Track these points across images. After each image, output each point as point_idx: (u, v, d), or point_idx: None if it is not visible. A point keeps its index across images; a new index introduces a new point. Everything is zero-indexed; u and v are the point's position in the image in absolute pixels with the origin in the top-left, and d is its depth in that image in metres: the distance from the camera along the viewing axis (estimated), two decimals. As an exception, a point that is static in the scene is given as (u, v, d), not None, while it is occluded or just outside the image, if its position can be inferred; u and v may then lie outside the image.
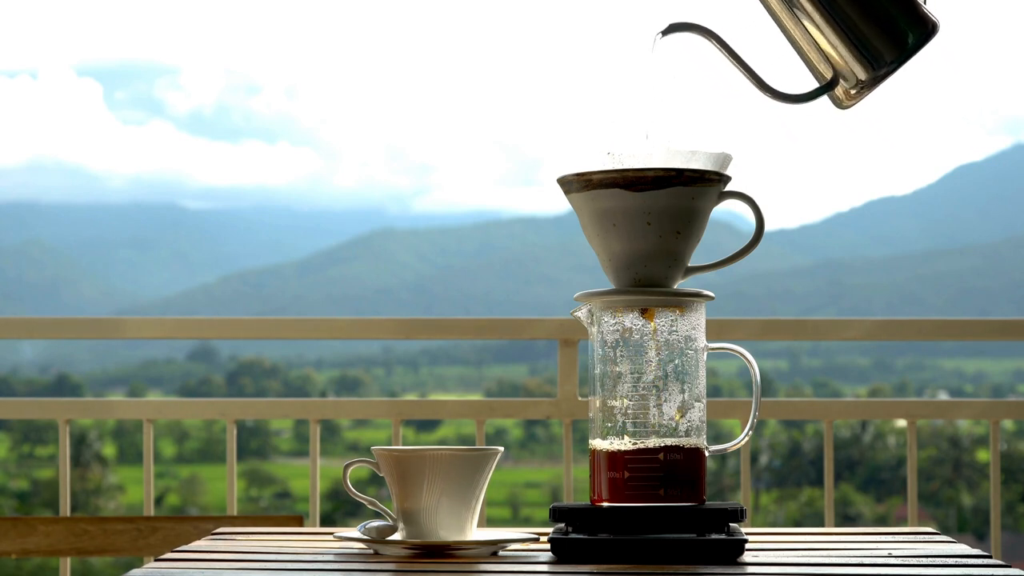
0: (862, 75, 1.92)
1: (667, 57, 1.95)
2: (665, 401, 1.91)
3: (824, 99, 1.98)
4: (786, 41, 1.99)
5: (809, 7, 1.92)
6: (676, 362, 1.91)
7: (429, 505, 1.93)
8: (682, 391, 1.91)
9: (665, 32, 1.96)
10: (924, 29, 1.90)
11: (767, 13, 1.99)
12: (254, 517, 2.91)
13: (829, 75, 1.96)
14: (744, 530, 2.03)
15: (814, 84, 1.98)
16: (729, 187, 1.95)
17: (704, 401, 1.93)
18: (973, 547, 1.96)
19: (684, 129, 1.96)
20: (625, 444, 1.90)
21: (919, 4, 1.91)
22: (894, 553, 1.91)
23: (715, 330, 3.63)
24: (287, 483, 46.76)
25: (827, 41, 1.93)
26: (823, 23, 1.92)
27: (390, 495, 1.97)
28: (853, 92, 1.95)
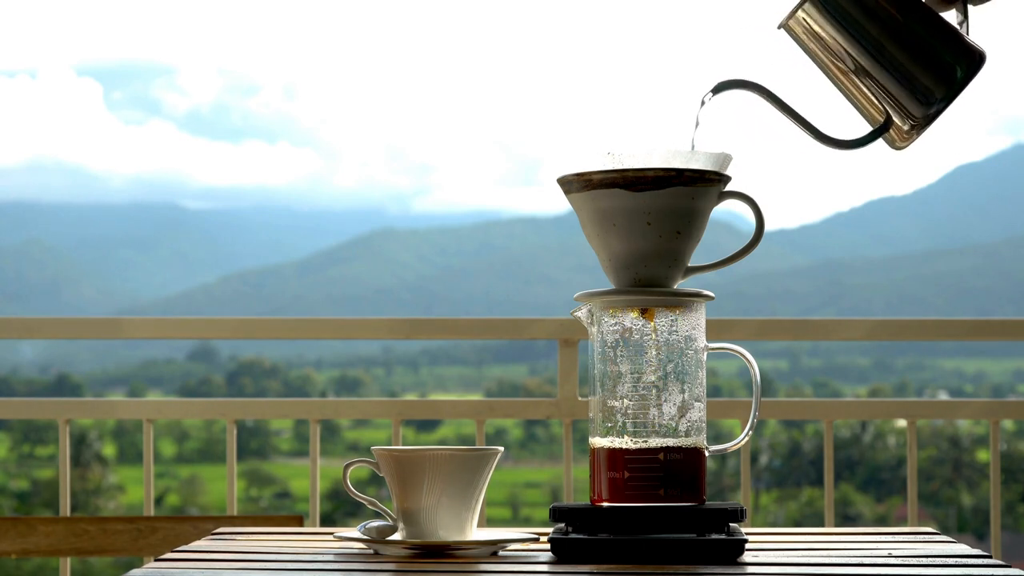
0: (916, 113, 1.92)
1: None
2: (665, 401, 1.91)
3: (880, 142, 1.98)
4: (834, 87, 1.99)
5: (854, 51, 1.92)
6: (676, 362, 1.91)
7: (429, 505, 1.93)
8: (682, 391, 1.91)
9: (715, 91, 1.96)
10: (971, 60, 1.90)
11: (811, 60, 1.98)
12: (254, 517, 2.91)
13: (882, 118, 1.95)
14: (744, 530, 2.03)
15: (867, 128, 1.98)
16: (729, 187, 1.95)
17: (704, 401, 1.93)
18: (973, 547, 1.97)
19: (684, 129, 1.97)
20: (625, 444, 1.90)
21: (963, 36, 1.91)
22: (894, 553, 1.91)
23: (715, 330, 3.63)
24: (287, 483, 46.77)
25: (876, 84, 1.92)
26: (870, 65, 1.91)
27: (390, 495, 1.98)
28: (907, 132, 1.95)
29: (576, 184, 1.93)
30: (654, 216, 1.90)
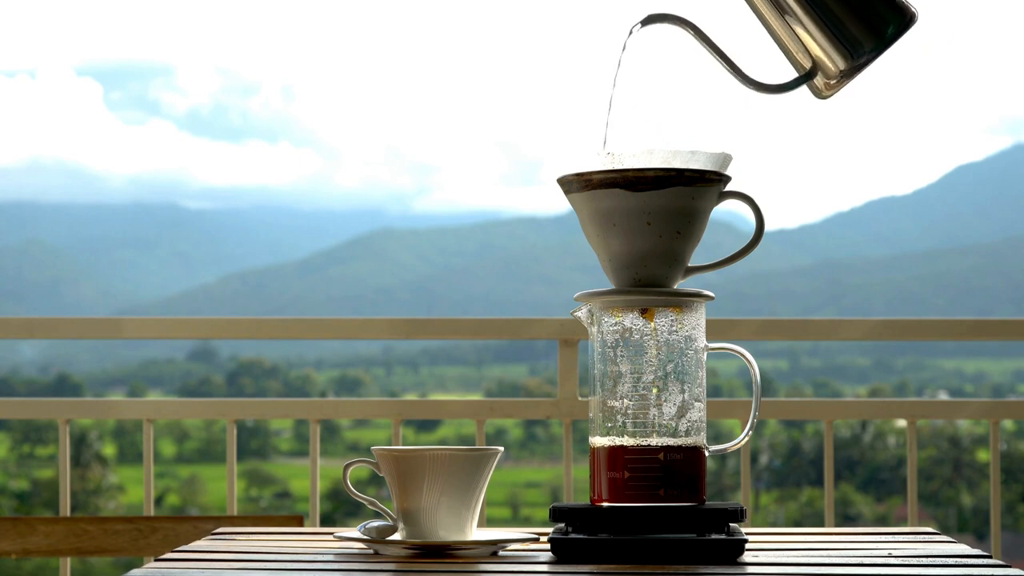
0: (841, 65, 1.93)
1: (649, 49, 1.96)
2: (665, 401, 1.91)
3: (807, 92, 1.99)
4: (765, 32, 2.00)
5: None
6: (676, 362, 1.92)
7: (429, 505, 1.93)
8: (682, 391, 1.91)
9: (644, 23, 1.97)
10: (902, 19, 1.91)
11: (746, 3, 1.99)
12: (254, 517, 2.91)
13: (808, 65, 1.96)
14: (744, 530, 2.03)
15: (794, 74, 1.99)
16: (729, 187, 1.95)
17: (704, 401, 1.94)
18: (973, 547, 1.97)
19: (684, 129, 1.97)
20: (625, 444, 1.90)
21: None
22: (894, 553, 1.91)
23: (715, 330, 3.63)
24: (287, 483, 46.76)
25: (806, 31, 1.94)
26: (802, 13, 1.93)
27: (390, 495, 1.98)
28: (832, 82, 1.96)
29: (576, 184, 1.93)
30: (654, 216, 1.90)
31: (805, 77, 1.97)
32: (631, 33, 1.97)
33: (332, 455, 44.96)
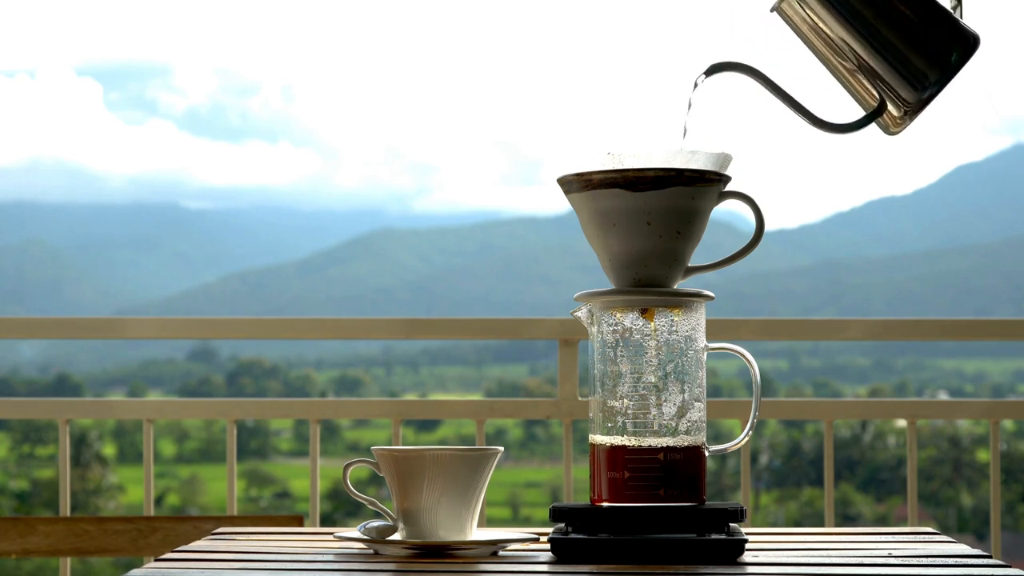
0: (909, 98, 1.92)
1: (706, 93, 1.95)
2: (665, 401, 1.91)
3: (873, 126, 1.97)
4: (827, 71, 1.99)
5: (847, 34, 1.92)
6: (676, 362, 1.92)
7: (429, 505, 1.93)
8: (682, 391, 1.91)
9: (708, 73, 1.96)
10: (966, 44, 1.90)
11: (804, 44, 1.98)
12: (254, 517, 2.91)
13: (875, 102, 1.95)
14: (744, 530, 2.03)
15: (861, 112, 1.97)
16: (729, 187, 1.95)
17: (704, 401, 1.94)
18: (973, 547, 1.97)
19: (678, 127, 1.97)
20: (625, 444, 1.90)
21: (957, 19, 1.91)
22: (894, 553, 1.91)
23: (715, 330, 3.63)
24: (287, 483, 46.75)
25: (869, 67, 1.92)
26: (864, 49, 1.91)
27: (390, 495, 1.98)
28: (900, 117, 1.94)
29: (576, 184, 1.93)
30: (654, 216, 1.90)
31: (874, 114, 1.95)
32: (696, 86, 1.96)
33: (332, 455, 44.94)
